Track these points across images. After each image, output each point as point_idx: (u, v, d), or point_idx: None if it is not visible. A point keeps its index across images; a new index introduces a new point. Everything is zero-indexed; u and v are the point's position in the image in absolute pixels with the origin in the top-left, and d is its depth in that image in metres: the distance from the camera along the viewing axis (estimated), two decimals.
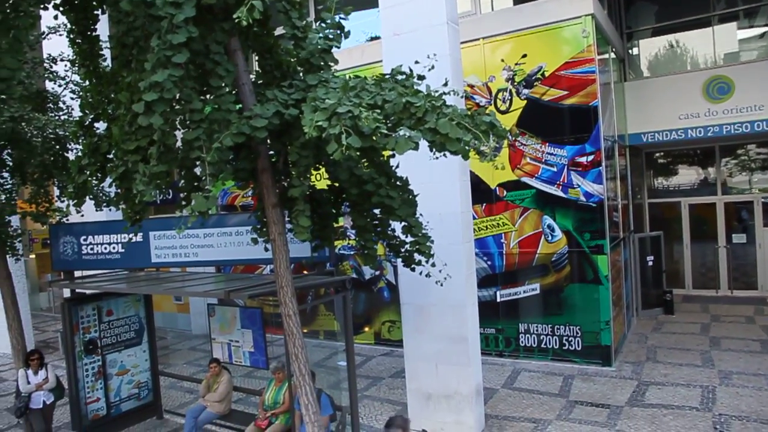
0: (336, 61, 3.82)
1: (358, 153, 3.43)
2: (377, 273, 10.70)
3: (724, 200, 12.57)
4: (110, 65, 4.51)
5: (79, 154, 4.51)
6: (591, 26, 8.30)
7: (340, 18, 3.96)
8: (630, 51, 12.55)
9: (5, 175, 7.57)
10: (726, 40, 11.88)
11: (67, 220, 7.89)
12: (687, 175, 13.46)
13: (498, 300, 9.32)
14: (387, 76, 3.48)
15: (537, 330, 9.08)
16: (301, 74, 3.98)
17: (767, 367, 7.97)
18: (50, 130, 7.25)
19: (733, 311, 11.20)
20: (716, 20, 11.84)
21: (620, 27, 11.93)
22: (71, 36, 4.20)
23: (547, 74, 8.70)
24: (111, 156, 4.45)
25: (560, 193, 8.73)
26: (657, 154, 13.58)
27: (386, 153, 4.33)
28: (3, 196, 7.43)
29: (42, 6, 3.64)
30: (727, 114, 10.73)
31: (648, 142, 11.64)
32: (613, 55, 10.61)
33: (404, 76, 3.45)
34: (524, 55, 8.88)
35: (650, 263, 11.62)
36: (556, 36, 8.63)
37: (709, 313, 11.29)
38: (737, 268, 12.56)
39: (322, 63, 3.73)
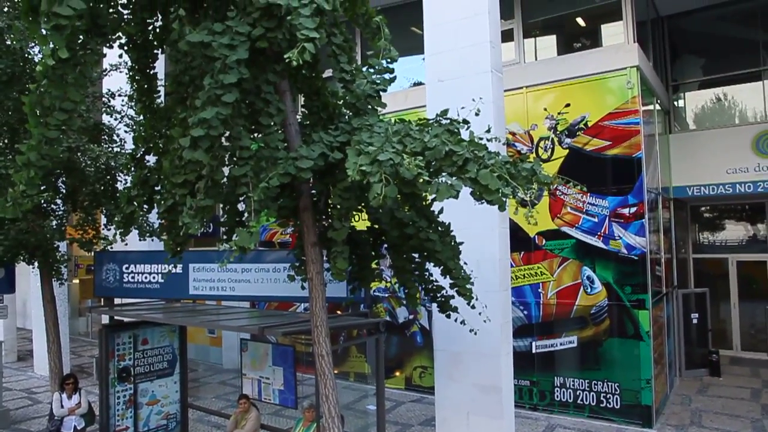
0: (384, 105, 3.89)
1: (398, 198, 3.46)
2: (411, 317, 10.58)
3: None
4: (163, 102, 4.72)
5: (129, 185, 4.68)
6: (636, 78, 8.27)
7: (387, 63, 4.06)
8: (675, 103, 12.40)
9: (58, 201, 7.90)
10: None
11: (112, 248, 8.14)
12: (735, 231, 12.99)
13: (534, 351, 9.06)
14: (432, 121, 3.52)
15: (573, 384, 8.75)
16: (347, 116, 4.07)
17: None
18: (103, 161, 7.57)
19: None
20: (766, 74, 11.63)
21: (666, 79, 11.83)
22: (131, 73, 4.43)
23: (590, 124, 8.65)
24: (159, 189, 4.61)
25: (601, 245, 8.54)
26: (703, 208, 13.20)
27: (427, 198, 4.36)
28: (54, 222, 7.74)
29: (108, 45, 3.86)
30: None
31: (693, 196, 11.33)
32: (658, 107, 10.50)
33: (449, 121, 3.48)
34: (567, 105, 8.87)
35: (695, 321, 11.14)
36: (600, 86, 8.62)
37: (761, 377, 10.68)
38: None
39: (368, 107, 3.81)
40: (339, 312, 7.11)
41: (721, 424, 8.25)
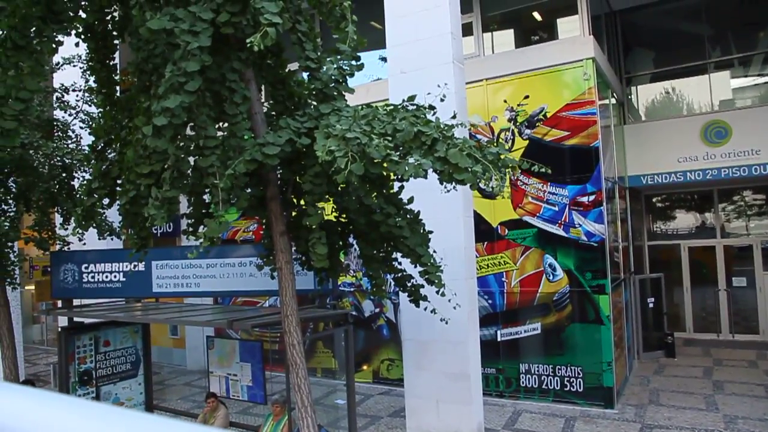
0: (351, 91, 3.90)
1: (363, 180, 3.46)
2: (377, 310, 10.62)
3: (724, 243, 12.61)
4: (123, 93, 4.61)
5: (89, 177, 4.55)
6: (592, 69, 8.51)
7: (353, 51, 4.07)
8: (629, 95, 12.82)
9: (10, 201, 7.59)
10: (722, 86, 12.16)
11: (68, 247, 7.88)
12: (686, 219, 13.54)
13: (499, 339, 9.23)
14: (399, 106, 3.55)
15: (538, 370, 8.96)
16: (313, 105, 4.07)
17: None
18: (58, 158, 7.32)
19: (735, 355, 11.09)
20: (712, 67, 12.15)
21: (619, 71, 12.21)
22: (90, 63, 4.30)
23: (548, 115, 8.86)
24: (120, 181, 4.50)
25: (562, 233, 8.76)
26: (656, 198, 13.70)
27: (393, 185, 4.39)
28: (6, 223, 7.44)
29: (65, 32, 3.74)
30: (725, 158, 10.88)
31: (647, 184, 11.75)
32: (613, 99, 10.84)
33: (416, 106, 3.52)
34: (526, 97, 9.06)
35: (651, 305, 11.56)
36: (558, 78, 8.83)
37: (711, 356, 11.17)
38: (738, 312, 12.49)
39: (335, 93, 3.81)
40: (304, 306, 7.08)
41: (677, 401, 8.60)
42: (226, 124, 3.79)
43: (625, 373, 9.78)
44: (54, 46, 3.56)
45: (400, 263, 4.65)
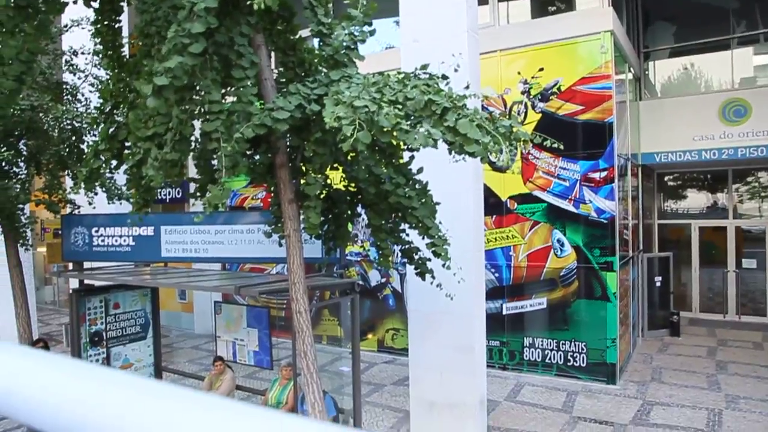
0: (362, 58, 3.83)
1: (372, 149, 3.42)
2: (383, 280, 10.68)
3: (735, 224, 12.48)
4: (129, 57, 4.56)
5: (97, 140, 4.54)
6: (610, 42, 8.31)
7: (365, 17, 3.98)
8: (645, 70, 12.55)
9: (21, 164, 7.63)
10: (743, 63, 11.87)
11: (79, 211, 7.93)
12: (698, 199, 13.39)
13: (504, 313, 9.27)
14: (411, 74, 3.49)
15: (542, 344, 9.01)
16: (323, 72, 4.00)
17: None
18: (67, 121, 7.31)
19: (740, 336, 11.08)
20: (734, 43, 11.84)
21: (637, 46, 11.94)
22: (97, 26, 4.25)
23: (563, 89, 8.71)
24: (128, 144, 4.48)
25: (571, 208, 8.70)
26: (668, 177, 13.53)
27: (402, 156, 4.35)
28: (17, 186, 7.48)
29: None
30: (742, 137, 10.67)
31: (661, 162, 11.59)
32: (629, 73, 10.62)
33: (428, 75, 3.46)
34: (541, 69, 8.90)
35: (658, 284, 11.53)
36: (574, 51, 8.65)
37: (716, 337, 11.17)
38: (746, 293, 12.44)
39: (346, 60, 3.75)
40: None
41: (680, 380, 8.64)
42: (233, 89, 3.75)
43: (629, 350, 9.82)
44: (58, 7, 3.50)
45: (407, 234, 4.64)
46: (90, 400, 0.53)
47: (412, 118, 3.27)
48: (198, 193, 4.29)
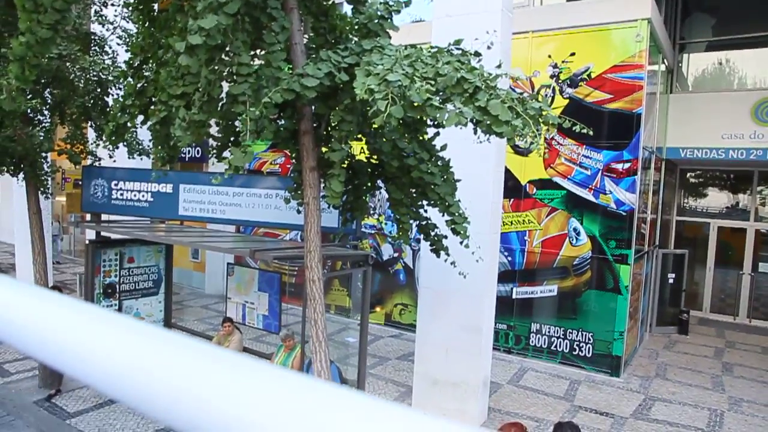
0: (396, 28, 3.76)
1: (399, 123, 3.38)
2: (395, 255, 10.70)
3: (756, 227, 12.28)
4: (159, 11, 4.52)
5: (123, 95, 4.54)
6: (646, 31, 8.09)
7: None
8: (679, 63, 12.24)
9: (45, 112, 7.67)
10: None
11: (99, 163, 7.99)
12: (719, 198, 13.16)
13: (514, 297, 9.26)
14: (444, 50, 3.42)
15: (549, 331, 9.01)
16: (354, 41, 3.94)
17: None
18: (93, 73, 7.31)
19: (749, 340, 11.00)
20: None
21: (673, 36, 11.62)
22: None
23: (593, 75, 8.53)
24: (155, 100, 4.48)
25: (591, 198, 8.60)
26: (691, 173, 13.29)
27: (427, 132, 4.30)
28: (41, 134, 7.54)
29: None
30: None
31: (686, 158, 11.37)
32: (663, 65, 10.36)
33: (461, 51, 3.39)
34: (572, 54, 8.70)
35: (671, 281, 11.44)
36: (608, 37, 8.44)
37: (725, 338, 11.10)
38: (759, 297, 12.30)
39: (379, 29, 3.68)
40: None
41: (684, 378, 8.62)
42: (263, 53, 3.71)
43: (635, 345, 9.80)
44: None
45: (426, 210, 4.62)
46: (103, 343, 0.53)
47: (441, 94, 3.22)
48: (215, 152, 4.28)
